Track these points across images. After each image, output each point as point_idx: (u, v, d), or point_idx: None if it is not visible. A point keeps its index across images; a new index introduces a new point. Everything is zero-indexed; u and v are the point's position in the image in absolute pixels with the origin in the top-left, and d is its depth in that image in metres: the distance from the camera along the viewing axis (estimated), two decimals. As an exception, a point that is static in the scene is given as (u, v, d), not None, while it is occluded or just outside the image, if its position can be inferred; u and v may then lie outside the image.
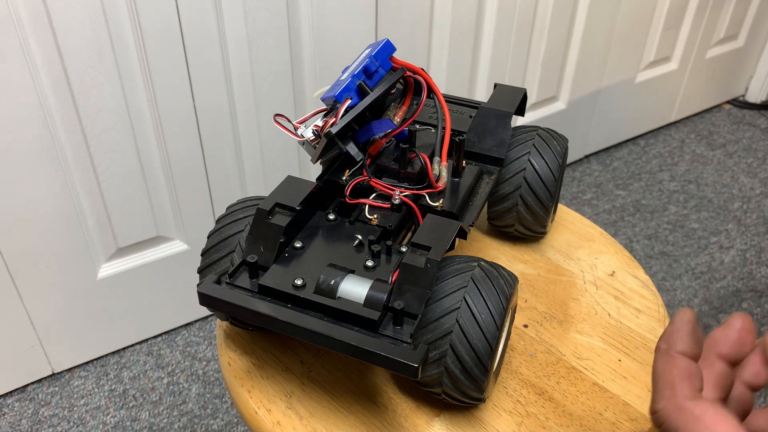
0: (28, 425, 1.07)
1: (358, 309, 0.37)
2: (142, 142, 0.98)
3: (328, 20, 1.03)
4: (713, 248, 1.45)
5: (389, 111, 0.49)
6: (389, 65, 0.44)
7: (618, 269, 0.55)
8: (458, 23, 1.20)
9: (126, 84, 0.92)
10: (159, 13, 0.89)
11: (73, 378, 1.14)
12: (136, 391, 1.12)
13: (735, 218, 1.53)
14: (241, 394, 0.44)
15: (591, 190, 1.60)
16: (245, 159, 1.09)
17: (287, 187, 0.43)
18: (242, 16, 0.95)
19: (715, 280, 1.37)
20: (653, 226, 1.50)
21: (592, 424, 0.43)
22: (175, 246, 1.13)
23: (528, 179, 0.50)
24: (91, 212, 1.00)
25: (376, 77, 0.44)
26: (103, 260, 1.07)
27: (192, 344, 1.20)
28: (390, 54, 0.44)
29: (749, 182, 1.64)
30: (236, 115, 1.04)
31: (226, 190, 1.11)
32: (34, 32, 0.83)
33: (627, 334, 0.49)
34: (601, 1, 1.38)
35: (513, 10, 1.26)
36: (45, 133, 0.89)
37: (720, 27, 1.70)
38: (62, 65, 0.86)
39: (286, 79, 1.05)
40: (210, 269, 0.44)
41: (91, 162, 0.96)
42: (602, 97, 1.58)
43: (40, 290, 1.03)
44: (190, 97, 0.98)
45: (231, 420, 1.09)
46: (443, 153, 0.46)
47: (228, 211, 0.45)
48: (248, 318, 0.39)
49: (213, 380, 1.14)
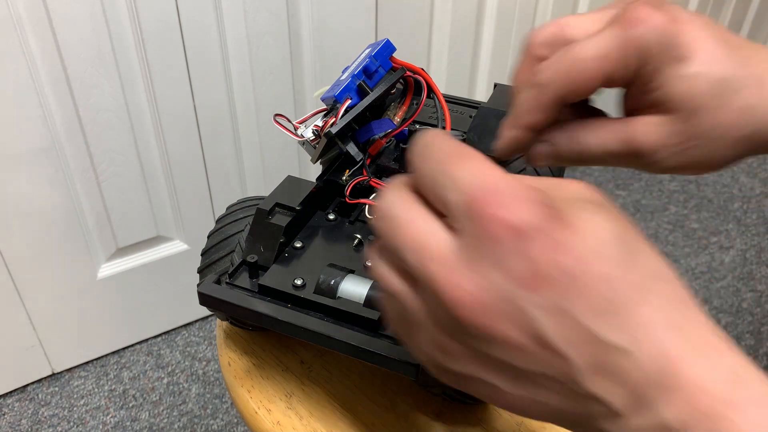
0: (27, 425, 1.07)
1: (359, 309, 0.37)
2: (142, 142, 0.98)
3: (328, 20, 1.03)
4: (713, 248, 1.45)
5: (389, 111, 0.49)
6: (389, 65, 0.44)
7: (618, 269, 0.54)
8: (458, 23, 1.20)
9: (126, 84, 0.92)
10: (159, 13, 0.89)
11: (73, 378, 1.14)
12: (136, 391, 1.12)
13: (735, 218, 1.53)
14: (241, 394, 0.44)
15: (591, 190, 1.60)
16: (245, 159, 1.09)
17: (287, 187, 0.43)
18: (242, 16, 0.95)
19: (715, 280, 1.37)
20: (653, 226, 1.50)
21: (592, 424, 0.43)
22: (175, 246, 1.12)
23: None
24: (90, 212, 1.00)
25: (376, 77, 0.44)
26: (103, 260, 1.07)
27: (192, 344, 1.20)
28: (390, 54, 0.44)
29: (749, 182, 1.64)
30: (236, 114, 1.04)
31: (225, 190, 1.11)
32: (34, 32, 0.83)
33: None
34: (602, 1, 1.38)
35: (513, 10, 1.26)
36: (45, 132, 0.89)
37: (720, 27, 1.70)
38: (62, 65, 0.86)
39: (286, 79, 1.05)
40: (210, 269, 0.44)
41: (91, 162, 0.96)
42: (602, 97, 1.57)
43: (40, 290, 1.03)
44: (190, 97, 0.98)
45: (231, 420, 1.08)
46: None
47: (228, 211, 0.45)
48: (248, 318, 0.39)
49: (213, 380, 1.14)
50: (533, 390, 0.23)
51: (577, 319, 0.22)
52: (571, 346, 0.22)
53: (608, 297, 0.23)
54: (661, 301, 0.23)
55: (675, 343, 0.22)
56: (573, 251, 0.23)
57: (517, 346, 0.23)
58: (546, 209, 0.23)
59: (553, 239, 0.22)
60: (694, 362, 0.22)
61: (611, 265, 0.23)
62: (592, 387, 0.23)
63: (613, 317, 0.23)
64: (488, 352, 0.23)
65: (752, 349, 1.23)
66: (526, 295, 0.22)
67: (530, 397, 0.24)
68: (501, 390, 0.24)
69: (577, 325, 0.22)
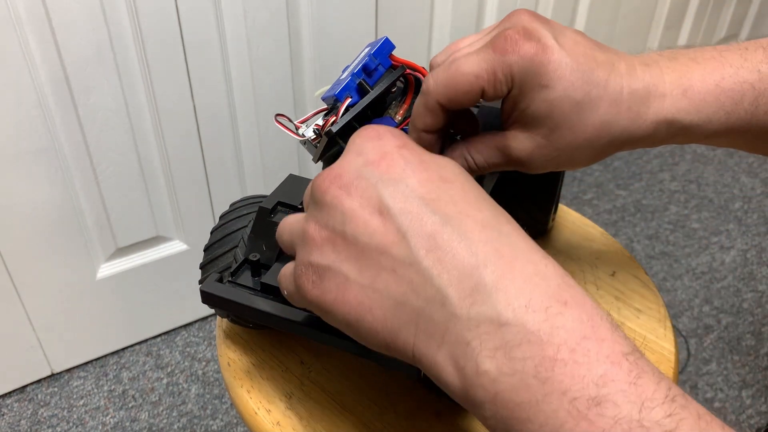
0: (27, 425, 1.06)
1: None
2: (142, 141, 0.98)
3: (328, 20, 1.03)
4: (714, 248, 1.45)
5: (390, 109, 0.49)
6: (389, 63, 0.44)
7: (618, 269, 0.54)
8: (458, 23, 1.20)
9: (125, 84, 0.92)
10: (158, 12, 0.88)
11: (73, 378, 1.14)
12: (136, 391, 1.12)
13: (736, 218, 1.53)
14: (241, 395, 0.44)
15: (592, 190, 1.60)
16: (245, 158, 1.09)
17: (289, 186, 0.43)
18: (242, 16, 0.95)
19: (715, 281, 1.37)
20: (654, 226, 1.50)
21: (593, 424, 0.43)
22: (175, 246, 1.12)
23: (528, 178, 0.50)
24: (90, 212, 1.00)
25: (375, 75, 0.44)
26: (102, 260, 1.07)
27: (191, 344, 1.20)
28: (389, 52, 0.44)
29: (750, 182, 1.64)
30: (236, 114, 1.04)
31: (225, 190, 1.11)
32: (34, 32, 0.83)
33: (628, 334, 0.49)
34: (601, 1, 1.38)
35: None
36: (44, 132, 0.89)
37: (721, 26, 1.70)
38: (62, 65, 0.86)
39: (286, 79, 1.05)
40: (212, 264, 0.44)
41: (91, 162, 0.96)
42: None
43: (39, 290, 1.02)
44: (189, 97, 0.98)
45: (231, 420, 1.08)
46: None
47: (231, 208, 0.45)
48: (250, 316, 0.39)
49: (212, 381, 1.14)
50: (375, 275, 0.26)
51: (411, 194, 0.26)
52: (404, 215, 0.26)
53: (442, 189, 0.27)
54: (487, 209, 0.27)
55: (505, 246, 0.25)
56: (417, 153, 0.28)
57: (363, 218, 0.26)
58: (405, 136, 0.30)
59: (404, 143, 0.29)
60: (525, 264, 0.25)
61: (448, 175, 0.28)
62: (427, 265, 0.25)
63: (443, 202, 0.26)
64: (342, 228, 0.27)
65: (753, 349, 1.23)
66: (371, 171, 0.27)
67: (371, 286, 0.26)
68: (349, 281, 0.26)
69: (410, 199, 0.26)
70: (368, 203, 0.26)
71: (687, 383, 1.17)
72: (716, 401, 1.14)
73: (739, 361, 1.21)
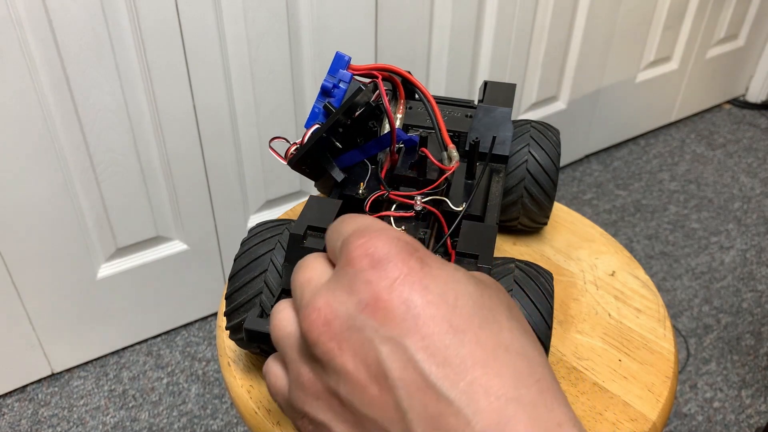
0: (27, 425, 1.07)
1: None
2: (142, 142, 0.98)
3: (328, 20, 1.03)
4: (713, 248, 1.45)
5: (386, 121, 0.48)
6: (349, 76, 0.43)
7: (618, 269, 0.54)
8: (458, 23, 1.20)
9: (125, 84, 0.92)
10: (158, 13, 0.88)
11: (73, 378, 1.14)
12: (136, 391, 1.12)
13: (735, 218, 1.53)
14: (241, 395, 0.44)
15: (591, 190, 1.60)
16: (244, 158, 1.09)
17: (315, 209, 0.42)
18: (242, 16, 0.95)
19: (715, 280, 1.37)
20: (653, 226, 1.50)
21: (592, 424, 0.43)
22: (175, 246, 1.12)
23: (531, 170, 0.51)
24: (90, 212, 1.00)
25: (338, 94, 0.42)
26: (102, 260, 1.07)
27: (191, 344, 1.20)
28: (344, 66, 0.42)
29: (749, 182, 1.64)
30: (236, 114, 1.04)
31: (225, 190, 1.11)
32: (34, 32, 0.83)
33: (627, 335, 0.49)
34: (601, 1, 1.38)
35: (513, 10, 1.26)
36: (44, 132, 0.89)
37: (720, 27, 1.70)
38: (62, 65, 0.86)
39: (286, 79, 1.05)
40: (240, 292, 0.42)
41: (91, 162, 0.96)
42: (602, 97, 1.58)
43: (39, 290, 1.02)
44: (189, 97, 0.98)
45: (231, 420, 1.08)
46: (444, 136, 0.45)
47: (251, 234, 0.44)
48: None
49: (213, 380, 1.14)
50: None
51: (413, 359, 0.22)
52: (405, 387, 0.22)
53: (451, 349, 0.22)
54: (509, 372, 0.22)
55: (517, 417, 0.21)
56: (422, 291, 0.22)
57: (359, 383, 0.22)
58: (409, 248, 0.23)
59: (406, 274, 0.23)
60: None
61: (460, 320, 0.22)
62: None
63: (452, 371, 0.22)
64: (336, 388, 0.23)
65: (752, 349, 1.23)
66: (365, 319, 0.22)
67: None
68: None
69: (412, 365, 0.22)
70: (363, 364, 0.22)
71: (687, 383, 1.17)
72: (716, 401, 1.15)
73: (739, 361, 1.21)
